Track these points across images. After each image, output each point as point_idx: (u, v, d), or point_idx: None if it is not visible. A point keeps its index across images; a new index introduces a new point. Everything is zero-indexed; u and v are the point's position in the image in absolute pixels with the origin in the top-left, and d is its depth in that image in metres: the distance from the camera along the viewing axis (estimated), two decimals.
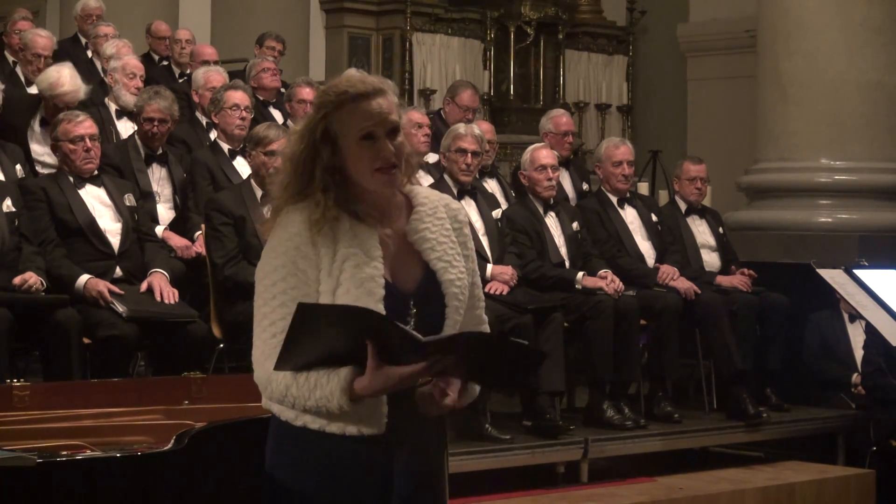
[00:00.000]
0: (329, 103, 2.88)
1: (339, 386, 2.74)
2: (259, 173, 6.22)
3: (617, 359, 6.78)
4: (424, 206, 2.97)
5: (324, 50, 12.58)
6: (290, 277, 2.84)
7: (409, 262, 2.93)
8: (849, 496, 6.85)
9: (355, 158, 2.86)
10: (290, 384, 2.78)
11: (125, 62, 7.75)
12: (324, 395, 2.76)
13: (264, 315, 2.85)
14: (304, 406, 2.79)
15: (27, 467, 3.09)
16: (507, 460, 6.26)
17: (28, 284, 5.57)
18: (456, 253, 2.96)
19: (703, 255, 7.63)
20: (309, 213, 2.86)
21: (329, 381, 2.75)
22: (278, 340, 2.77)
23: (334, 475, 2.85)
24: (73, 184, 6.05)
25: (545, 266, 6.87)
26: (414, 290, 2.90)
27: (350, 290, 2.82)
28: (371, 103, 2.86)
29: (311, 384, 2.76)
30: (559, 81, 13.39)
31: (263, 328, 2.84)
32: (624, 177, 7.34)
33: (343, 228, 2.87)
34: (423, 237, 2.94)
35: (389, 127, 2.87)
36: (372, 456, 2.85)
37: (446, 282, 2.92)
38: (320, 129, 2.87)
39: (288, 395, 2.80)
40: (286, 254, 2.85)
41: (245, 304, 5.99)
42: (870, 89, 8.71)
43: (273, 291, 2.84)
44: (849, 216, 8.71)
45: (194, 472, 3.42)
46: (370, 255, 2.86)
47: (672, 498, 6.32)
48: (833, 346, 7.79)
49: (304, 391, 2.77)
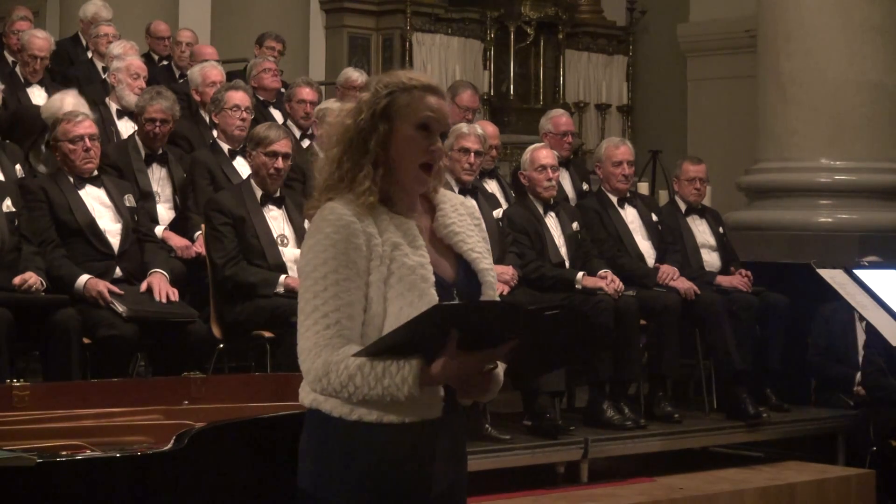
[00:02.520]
0: (399, 83, 2.95)
1: (413, 374, 2.76)
2: (259, 173, 6.21)
3: (617, 359, 6.78)
4: (446, 203, 3.05)
5: (324, 50, 12.58)
6: (341, 269, 2.85)
7: (443, 255, 2.99)
8: (849, 496, 6.85)
9: (405, 145, 2.92)
10: (353, 374, 2.78)
11: (129, 63, 7.76)
12: (393, 384, 2.76)
13: (315, 307, 2.84)
14: (364, 395, 2.79)
15: (27, 467, 3.09)
16: (508, 460, 6.26)
17: (28, 284, 5.56)
18: (483, 246, 3.05)
19: (703, 255, 7.63)
20: (355, 200, 2.89)
21: (400, 369, 2.76)
22: (333, 332, 2.81)
23: (383, 464, 2.88)
24: (72, 184, 6.04)
25: (545, 266, 6.87)
26: (453, 280, 2.97)
27: (403, 277, 2.86)
28: (436, 99, 2.96)
29: (379, 373, 2.77)
30: (559, 81, 13.40)
31: (315, 320, 2.84)
32: (624, 177, 7.34)
33: (382, 218, 2.91)
34: (453, 231, 3.02)
35: (443, 128, 2.97)
36: (419, 443, 2.89)
37: (481, 271, 3.01)
38: (382, 104, 2.93)
39: (349, 385, 2.79)
40: (336, 245, 2.86)
41: (245, 305, 6.02)
42: (870, 89, 8.71)
43: (324, 283, 2.84)
44: (849, 216, 8.70)
45: (194, 472, 3.42)
46: (414, 244, 2.92)
47: (672, 498, 6.32)
48: (839, 342, 7.77)
49: (370, 380, 2.77)
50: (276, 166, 6.16)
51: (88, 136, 6.05)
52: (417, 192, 2.99)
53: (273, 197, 6.23)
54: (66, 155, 6.05)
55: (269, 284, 5.99)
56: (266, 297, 5.96)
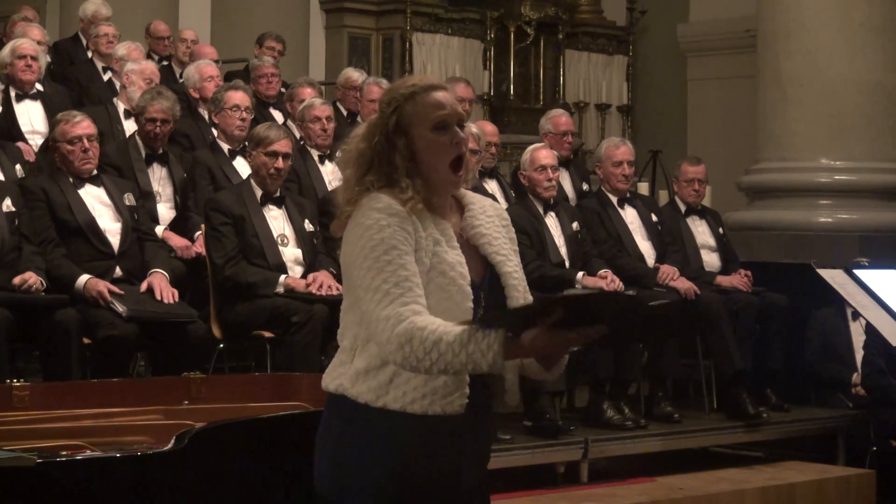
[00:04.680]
0: (400, 96, 2.98)
1: (499, 341, 2.75)
2: (259, 173, 6.22)
3: (617, 359, 6.78)
4: (474, 205, 3.08)
5: (324, 50, 12.58)
6: (400, 245, 2.86)
7: (470, 257, 3.00)
8: (849, 496, 6.85)
9: (429, 149, 2.95)
10: (438, 340, 2.77)
11: (143, 67, 7.81)
12: (479, 350, 2.75)
13: (384, 279, 2.84)
14: (448, 362, 2.76)
15: (27, 467, 3.10)
16: (508, 460, 6.25)
17: (28, 284, 5.56)
18: (510, 249, 3.07)
19: (703, 256, 7.63)
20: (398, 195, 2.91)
21: (486, 336, 2.75)
22: (409, 298, 2.81)
23: (407, 455, 2.89)
24: (72, 184, 6.04)
25: (545, 266, 6.87)
26: (479, 283, 2.99)
27: (444, 272, 2.90)
28: (441, 94, 2.98)
29: (465, 338, 2.76)
30: (559, 81, 13.40)
31: (386, 291, 2.83)
32: (624, 177, 7.34)
33: (424, 216, 2.94)
34: (480, 233, 3.04)
35: (458, 118, 2.98)
36: (445, 438, 2.91)
37: (506, 274, 3.03)
38: (393, 122, 2.96)
39: (433, 351, 2.77)
40: (387, 228, 2.87)
41: (245, 305, 6.02)
42: (870, 89, 8.71)
43: (387, 258, 2.85)
44: (849, 216, 8.70)
45: (194, 472, 3.42)
46: (451, 244, 2.95)
47: (672, 498, 6.32)
48: (835, 344, 7.78)
49: (454, 346, 2.76)
50: (276, 166, 6.16)
51: (87, 136, 6.04)
52: (450, 192, 3.02)
53: (273, 197, 6.23)
54: (65, 155, 6.04)
55: (269, 284, 5.99)
56: (266, 297, 5.96)
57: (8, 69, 7.49)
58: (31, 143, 7.34)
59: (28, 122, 7.53)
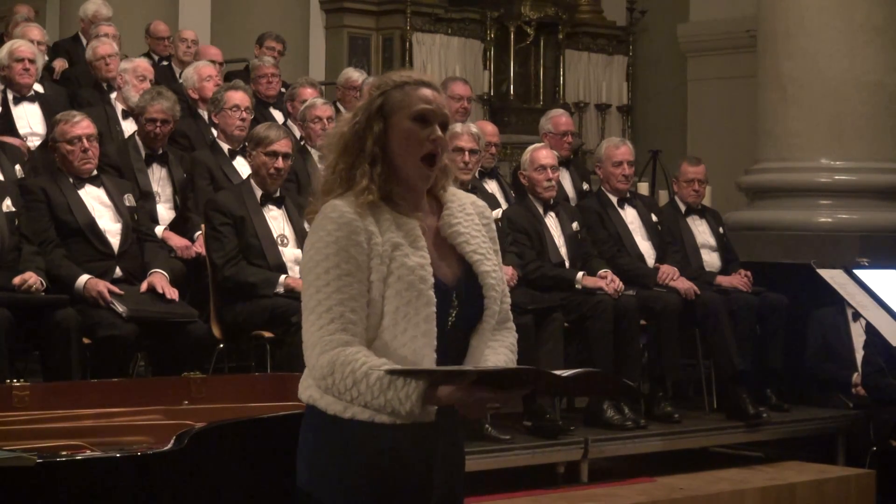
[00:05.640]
0: (391, 82, 2.98)
1: (418, 392, 2.75)
2: (259, 173, 6.22)
3: (617, 359, 6.78)
4: (454, 202, 3.02)
5: (324, 50, 12.58)
6: (343, 264, 2.84)
7: (446, 257, 2.97)
8: (849, 496, 6.85)
9: (404, 138, 2.92)
10: (359, 380, 2.78)
11: (136, 64, 7.79)
12: (397, 397, 2.76)
13: (319, 302, 2.84)
14: (367, 402, 2.79)
15: (27, 467, 3.09)
16: (508, 460, 6.26)
17: (28, 284, 5.56)
18: (488, 247, 3.01)
19: (703, 256, 7.63)
20: (355, 200, 2.88)
21: (406, 384, 2.75)
22: (337, 326, 2.81)
23: (379, 465, 2.88)
24: (72, 184, 6.04)
25: (545, 266, 6.87)
26: (454, 284, 2.95)
27: (402, 277, 2.85)
28: (431, 91, 2.96)
29: (385, 384, 2.76)
30: (559, 81, 13.40)
31: (319, 315, 2.84)
32: (624, 177, 7.34)
33: (384, 217, 2.90)
34: (457, 231, 2.99)
35: (442, 119, 2.95)
36: (415, 446, 2.89)
37: (483, 274, 2.97)
38: (376, 104, 2.95)
39: (353, 389, 2.78)
40: (338, 242, 2.85)
41: (245, 305, 6.01)
42: (870, 89, 8.71)
43: (327, 278, 2.84)
44: (849, 216, 8.70)
45: (194, 472, 3.42)
46: (415, 244, 2.90)
47: (672, 498, 6.32)
48: (835, 344, 7.78)
49: (374, 389, 2.77)
50: (276, 166, 6.16)
51: (86, 136, 6.04)
52: (422, 189, 2.97)
53: (273, 197, 6.23)
54: (65, 155, 6.04)
55: (269, 284, 5.99)
56: (266, 297, 5.96)
57: (5, 72, 7.49)
58: (30, 144, 7.34)
59: (26, 125, 7.52)
